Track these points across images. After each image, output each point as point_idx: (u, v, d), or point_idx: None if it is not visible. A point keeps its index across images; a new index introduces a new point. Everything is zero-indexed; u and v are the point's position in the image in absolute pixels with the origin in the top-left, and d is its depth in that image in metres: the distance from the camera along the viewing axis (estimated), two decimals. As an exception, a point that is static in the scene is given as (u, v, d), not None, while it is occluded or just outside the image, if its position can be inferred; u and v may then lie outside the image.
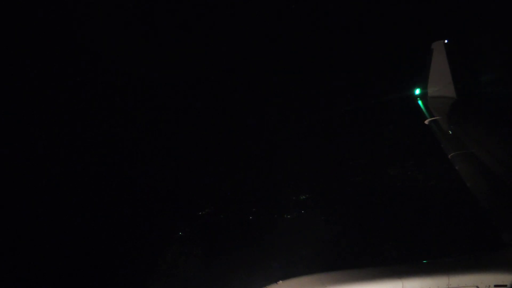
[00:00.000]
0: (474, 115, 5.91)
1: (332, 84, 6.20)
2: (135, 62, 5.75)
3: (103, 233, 4.87)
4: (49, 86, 5.53)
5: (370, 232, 4.78)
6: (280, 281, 3.50)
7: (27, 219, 4.74)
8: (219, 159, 5.30)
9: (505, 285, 3.73)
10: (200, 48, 6.01)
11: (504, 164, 5.19)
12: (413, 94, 5.96)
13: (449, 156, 5.56)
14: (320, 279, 3.69)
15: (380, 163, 5.65)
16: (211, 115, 5.70)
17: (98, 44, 5.56)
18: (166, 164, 5.25)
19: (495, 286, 3.78)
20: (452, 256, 5.06)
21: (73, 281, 4.50)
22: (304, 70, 6.28)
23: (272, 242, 4.76)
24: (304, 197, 5.05)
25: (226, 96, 5.92)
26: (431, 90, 5.87)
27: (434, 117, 5.83)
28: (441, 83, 5.94)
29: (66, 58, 5.66)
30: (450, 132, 5.82)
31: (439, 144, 5.73)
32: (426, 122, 5.90)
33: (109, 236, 4.89)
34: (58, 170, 5.18)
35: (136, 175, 5.19)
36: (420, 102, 5.93)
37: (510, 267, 3.84)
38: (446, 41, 5.97)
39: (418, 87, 5.95)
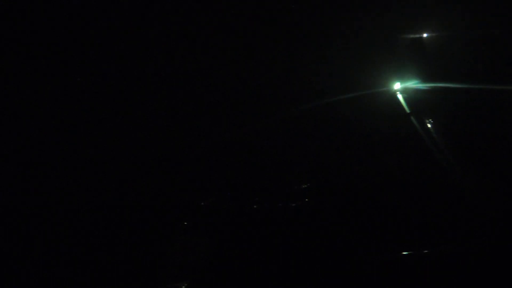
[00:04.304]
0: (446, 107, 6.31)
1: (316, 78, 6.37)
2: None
3: (102, 226, 4.74)
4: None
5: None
6: None
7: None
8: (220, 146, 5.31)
9: None
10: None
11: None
12: (393, 88, 6.25)
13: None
14: None
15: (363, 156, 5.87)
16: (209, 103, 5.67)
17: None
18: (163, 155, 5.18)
19: None
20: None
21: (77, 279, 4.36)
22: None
23: (278, 230, 4.86)
24: (306, 185, 5.17)
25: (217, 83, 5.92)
26: (409, 84, 6.19)
27: (413, 110, 6.15)
28: (419, 76, 6.29)
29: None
30: (429, 125, 6.18)
31: (419, 136, 6.08)
32: (406, 114, 6.21)
33: (107, 228, 4.76)
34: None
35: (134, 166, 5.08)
36: (400, 96, 6.23)
37: None
38: (424, 35, 6.30)
39: (398, 81, 6.24)
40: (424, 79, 6.20)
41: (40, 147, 5.06)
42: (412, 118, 6.21)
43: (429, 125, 6.10)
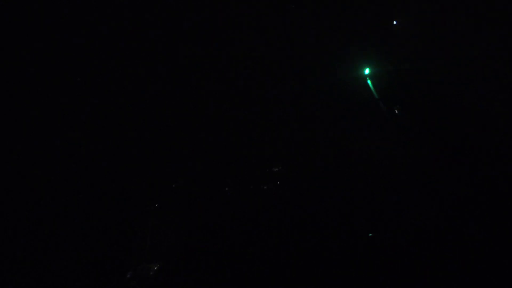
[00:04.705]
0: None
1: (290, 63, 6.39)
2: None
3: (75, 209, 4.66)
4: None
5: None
6: None
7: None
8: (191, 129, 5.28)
9: None
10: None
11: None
12: (363, 73, 6.32)
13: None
14: None
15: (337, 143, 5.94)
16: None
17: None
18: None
19: None
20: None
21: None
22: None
23: (250, 212, 4.91)
24: (277, 168, 5.23)
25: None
26: (379, 69, 6.27)
27: (381, 96, 6.26)
28: (390, 63, 6.40)
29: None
30: (396, 111, 6.30)
31: (388, 121, 6.21)
32: (375, 100, 6.31)
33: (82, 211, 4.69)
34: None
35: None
36: (369, 81, 6.32)
37: None
38: (394, 22, 6.39)
39: (367, 67, 6.31)
40: (394, 65, 6.32)
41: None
42: (380, 103, 6.32)
43: (396, 111, 6.23)
